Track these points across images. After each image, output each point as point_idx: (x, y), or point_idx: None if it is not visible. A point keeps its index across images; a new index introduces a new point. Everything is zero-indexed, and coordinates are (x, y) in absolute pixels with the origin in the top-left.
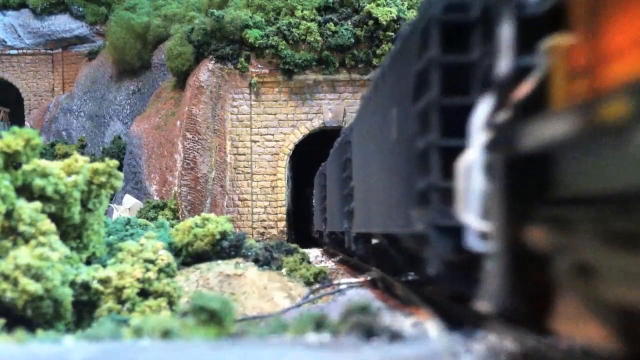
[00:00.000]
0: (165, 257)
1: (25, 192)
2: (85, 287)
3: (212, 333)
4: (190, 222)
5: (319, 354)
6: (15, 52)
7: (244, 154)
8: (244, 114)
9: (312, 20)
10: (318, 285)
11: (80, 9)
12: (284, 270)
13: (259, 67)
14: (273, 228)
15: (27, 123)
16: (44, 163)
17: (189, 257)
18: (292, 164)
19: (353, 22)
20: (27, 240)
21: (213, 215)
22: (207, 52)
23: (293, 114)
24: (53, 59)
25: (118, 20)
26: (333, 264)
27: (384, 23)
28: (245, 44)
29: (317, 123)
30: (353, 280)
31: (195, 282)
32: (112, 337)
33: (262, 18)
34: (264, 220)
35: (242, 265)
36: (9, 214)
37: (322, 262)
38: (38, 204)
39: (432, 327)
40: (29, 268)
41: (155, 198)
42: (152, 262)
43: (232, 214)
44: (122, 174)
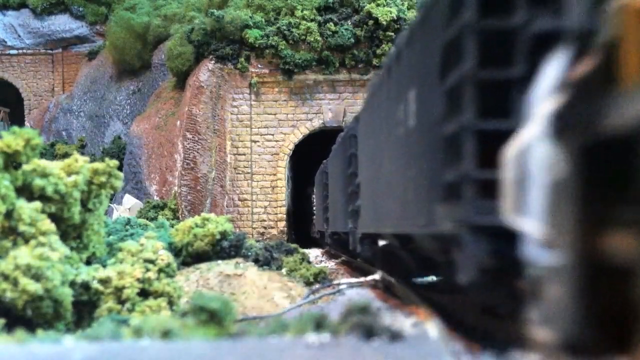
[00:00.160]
0: (165, 257)
1: (25, 192)
2: (85, 287)
3: (212, 333)
4: (190, 222)
5: (319, 354)
6: (15, 52)
7: (244, 154)
8: (244, 114)
9: (312, 20)
10: (318, 285)
11: (80, 9)
12: (284, 270)
13: (259, 67)
14: (273, 228)
15: (27, 123)
16: (44, 163)
17: (189, 257)
18: (292, 164)
19: (353, 22)
20: (27, 240)
21: (213, 215)
22: (207, 52)
23: (293, 114)
24: (53, 59)
25: (118, 20)
26: (334, 264)
27: (384, 23)
28: (245, 44)
29: (317, 123)
30: (353, 280)
31: (195, 282)
32: (112, 337)
33: (262, 18)
34: (264, 220)
35: (242, 265)
36: (9, 214)
37: (322, 262)
38: (38, 204)
39: (432, 327)
40: (29, 268)
41: (155, 198)
42: (152, 262)
43: (232, 214)
44: (122, 174)
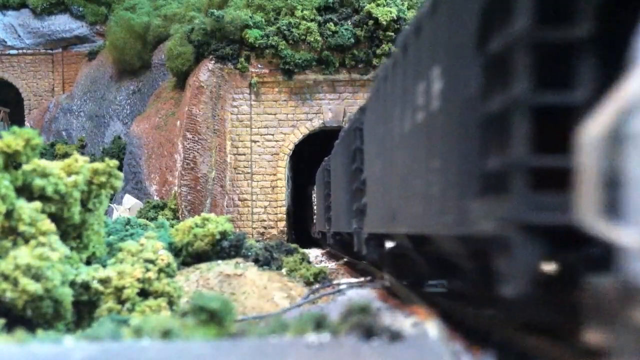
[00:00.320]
0: (165, 257)
1: (25, 192)
2: (85, 287)
3: (212, 333)
4: (190, 222)
5: (319, 354)
6: (15, 52)
7: (244, 154)
8: (244, 114)
9: (312, 20)
10: (318, 285)
11: (80, 9)
12: (284, 270)
13: (259, 67)
14: (273, 228)
15: (27, 123)
16: (44, 163)
17: (189, 257)
18: (292, 164)
19: (353, 22)
20: (27, 240)
21: (213, 215)
22: (207, 52)
23: (293, 114)
24: (53, 59)
25: (118, 20)
26: (334, 265)
27: (384, 23)
28: (245, 44)
29: (317, 123)
30: (353, 280)
31: (195, 282)
32: (112, 337)
33: (262, 18)
34: (264, 220)
35: (242, 265)
36: (9, 214)
37: (321, 262)
38: (38, 204)
39: (432, 327)
40: (29, 268)
41: (155, 198)
42: (152, 262)
43: (232, 214)
44: (122, 174)
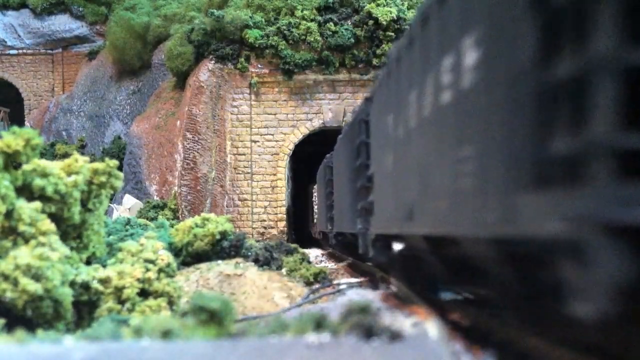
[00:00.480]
0: (165, 257)
1: (25, 192)
2: (85, 287)
3: (212, 333)
4: (190, 222)
5: (319, 354)
6: (15, 52)
7: (244, 154)
8: (244, 114)
9: (312, 20)
10: (318, 285)
11: (80, 9)
12: (284, 270)
13: (259, 67)
14: (273, 228)
15: (27, 123)
16: (44, 163)
17: (189, 257)
18: (292, 164)
19: (353, 22)
20: (27, 240)
21: (213, 215)
22: (207, 52)
23: (293, 114)
24: (53, 59)
25: (118, 20)
26: (334, 265)
27: (384, 23)
28: (245, 44)
29: (317, 123)
30: (353, 280)
31: (195, 282)
32: (112, 337)
33: (262, 18)
34: (264, 220)
35: (242, 265)
36: (9, 214)
37: (321, 262)
38: (38, 204)
39: (432, 327)
40: (29, 268)
41: (155, 198)
42: (152, 262)
43: (232, 214)
44: (122, 174)
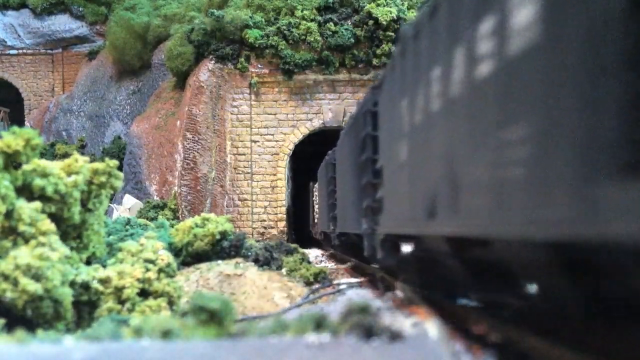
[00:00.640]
0: (165, 257)
1: (25, 192)
2: (85, 287)
3: (212, 333)
4: (190, 222)
5: (319, 354)
6: (15, 52)
7: (244, 154)
8: (244, 114)
9: (312, 20)
10: (318, 285)
11: (80, 9)
12: (284, 270)
13: (259, 67)
14: (273, 228)
15: (27, 123)
16: (44, 163)
17: (189, 257)
18: (292, 164)
19: (353, 22)
20: (27, 240)
21: (213, 215)
22: (207, 52)
23: (293, 114)
24: (53, 59)
25: (118, 20)
26: (334, 265)
27: (384, 23)
28: (245, 44)
29: (317, 123)
30: (353, 280)
31: (195, 282)
32: (112, 337)
33: (262, 18)
34: (264, 220)
35: (242, 265)
36: (9, 214)
37: (321, 262)
38: (38, 204)
39: (432, 327)
40: (29, 268)
41: (155, 198)
42: (152, 262)
43: (232, 214)
44: (122, 174)
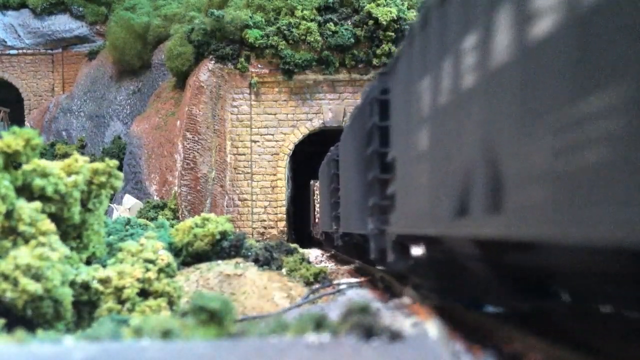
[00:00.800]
0: (165, 257)
1: (25, 192)
2: (85, 287)
3: (212, 333)
4: (190, 222)
5: (319, 354)
6: (15, 52)
7: (244, 154)
8: (244, 114)
9: (312, 20)
10: (318, 285)
11: (80, 9)
12: (284, 270)
13: (259, 67)
14: (273, 228)
15: (27, 123)
16: (44, 163)
17: (189, 257)
18: (292, 164)
19: (353, 22)
20: (27, 240)
21: (213, 215)
22: (207, 52)
23: (293, 114)
24: (53, 59)
25: (118, 20)
26: (333, 265)
27: (384, 23)
28: (245, 44)
29: (317, 123)
30: (353, 280)
31: (195, 282)
32: (112, 337)
33: (262, 18)
34: (264, 220)
35: (242, 265)
36: (9, 214)
37: (321, 262)
38: (38, 204)
39: (432, 327)
40: (29, 268)
41: (155, 198)
42: (152, 262)
43: (232, 214)
44: (122, 174)
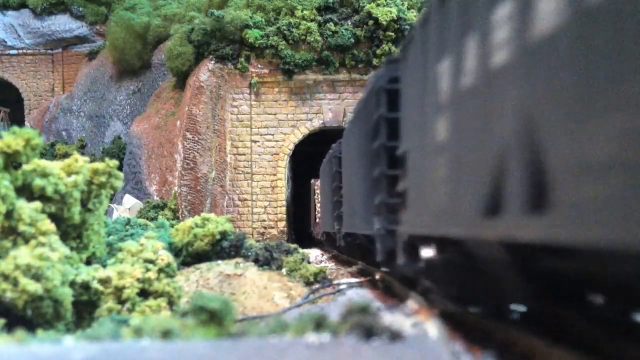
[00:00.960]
0: (165, 257)
1: (25, 192)
2: (85, 287)
3: (212, 333)
4: (190, 222)
5: (319, 354)
6: (15, 52)
7: (244, 154)
8: (244, 114)
9: (312, 20)
10: (318, 285)
11: (80, 9)
12: (284, 270)
13: (259, 67)
14: (273, 228)
15: (27, 123)
16: (44, 163)
17: (189, 257)
18: (292, 164)
19: (353, 22)
20: (27, 240)
21: (213, 215)
22: (207, 52)
23: (293, 114)
24: (53, 59)
25: (118, 20)
26: (333, 265)
27: (384, 23)
28: (245, 44)
29: (317, 123)
30: (353, 280)
31: (195, 282)
32: (112, 337)
33: (262, 18)
34: (264, 220)
35: (242, 265)
36: (9, 214)
37: (321, 262)
38: (38, 204)
39: (432, 327)
40: (29, 268)
41: (155, 198)
42: (152, 262)
43: (232, 214)
44: (122, 174)
